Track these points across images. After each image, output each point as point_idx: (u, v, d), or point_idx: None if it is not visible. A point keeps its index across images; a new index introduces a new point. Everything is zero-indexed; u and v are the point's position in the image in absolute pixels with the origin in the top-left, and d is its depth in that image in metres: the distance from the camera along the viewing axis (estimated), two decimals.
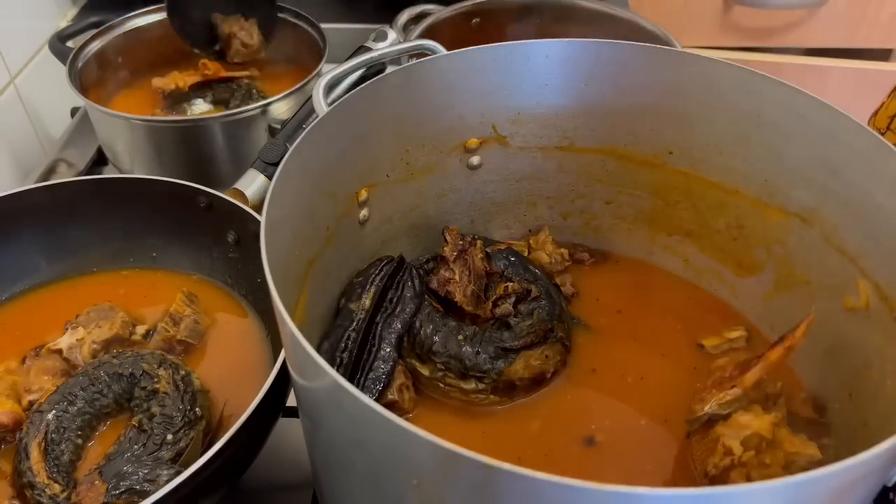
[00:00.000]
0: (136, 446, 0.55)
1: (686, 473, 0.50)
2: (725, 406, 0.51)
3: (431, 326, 0.56)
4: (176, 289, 0.68)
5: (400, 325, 0.57)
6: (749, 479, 0.48)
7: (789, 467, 0.48)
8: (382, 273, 0.58)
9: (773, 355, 0.51)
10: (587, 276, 0.68)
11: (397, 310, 0.58)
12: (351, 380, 0.53)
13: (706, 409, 0.51)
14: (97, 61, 0.95)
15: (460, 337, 0.56)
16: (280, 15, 1.02)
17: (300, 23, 1.00)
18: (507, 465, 0.31)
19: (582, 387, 0.58)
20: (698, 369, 0.59)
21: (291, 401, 0.55)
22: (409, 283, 0.59)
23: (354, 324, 0.55)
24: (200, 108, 0.97)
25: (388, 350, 0.56)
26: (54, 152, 0.99)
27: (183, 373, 0.60)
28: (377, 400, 0.54)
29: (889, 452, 0.34)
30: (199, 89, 0.97)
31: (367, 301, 0.56)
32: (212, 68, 0.96)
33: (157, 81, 0.95)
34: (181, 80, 0.95)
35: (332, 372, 0.36)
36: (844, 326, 0.54)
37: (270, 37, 1.02)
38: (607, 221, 0.68)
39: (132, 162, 0.89)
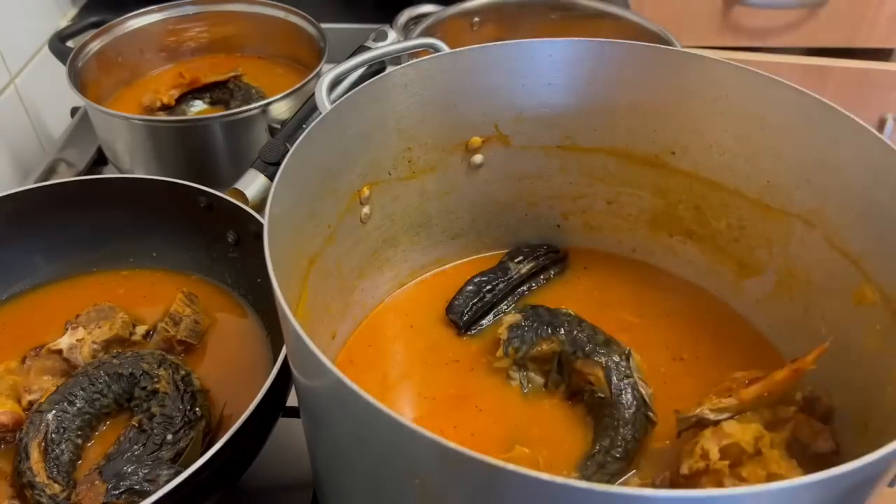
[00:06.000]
0: (136, 446, 0.55)
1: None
2: (717, 413, 0.50)
3: None
4: (176, 289, 0.68)
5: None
6: (720, 487, 0.47)
7: None
8: (548, 257, 0.67)
9: (778, 375, 0.51)
10: (588, 275, 0.68)
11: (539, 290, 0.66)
12: (474, 317, 0.63)
13: (696, 411, 0.51)
14: (97, 61, 0.94)
15: None
16: (280, 14, 1.01)
17: (300, 23, 1.00)
18: (510, 466, 0.31)
19: None
20: (697, 370, 0.59)
21: (291, 401, 0.55)
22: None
23: (507, 278, 0.64)
24: (200, 108, 0.97)
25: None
26: (54, 152, 0.98)
27: (183, 373, 0.60)
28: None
29: (892, 455, 0.34)
30: (198, 91, 0.97)
31: (524, 268, 0.65)
32: (188, 77, 0.96)
33: (145, 100, 0.95)
34: (165, 95, 0.94)
35: (335, 370, 0.35)
36: (846, 328, 0.54)
37: None
38: (609, 221, 0.68)
39: (132, 162, 0.89)
